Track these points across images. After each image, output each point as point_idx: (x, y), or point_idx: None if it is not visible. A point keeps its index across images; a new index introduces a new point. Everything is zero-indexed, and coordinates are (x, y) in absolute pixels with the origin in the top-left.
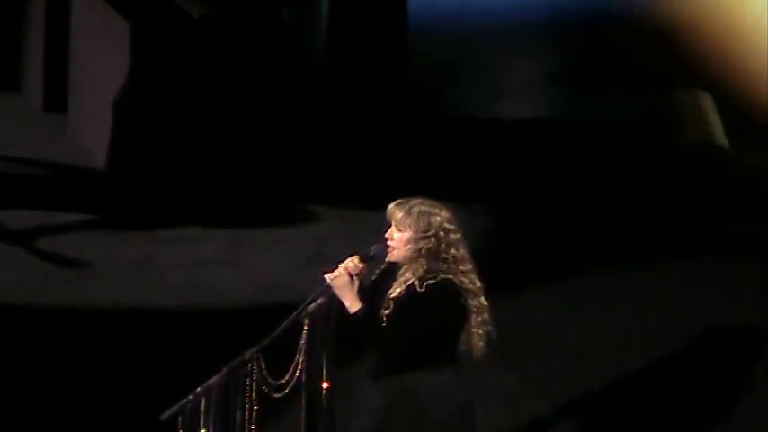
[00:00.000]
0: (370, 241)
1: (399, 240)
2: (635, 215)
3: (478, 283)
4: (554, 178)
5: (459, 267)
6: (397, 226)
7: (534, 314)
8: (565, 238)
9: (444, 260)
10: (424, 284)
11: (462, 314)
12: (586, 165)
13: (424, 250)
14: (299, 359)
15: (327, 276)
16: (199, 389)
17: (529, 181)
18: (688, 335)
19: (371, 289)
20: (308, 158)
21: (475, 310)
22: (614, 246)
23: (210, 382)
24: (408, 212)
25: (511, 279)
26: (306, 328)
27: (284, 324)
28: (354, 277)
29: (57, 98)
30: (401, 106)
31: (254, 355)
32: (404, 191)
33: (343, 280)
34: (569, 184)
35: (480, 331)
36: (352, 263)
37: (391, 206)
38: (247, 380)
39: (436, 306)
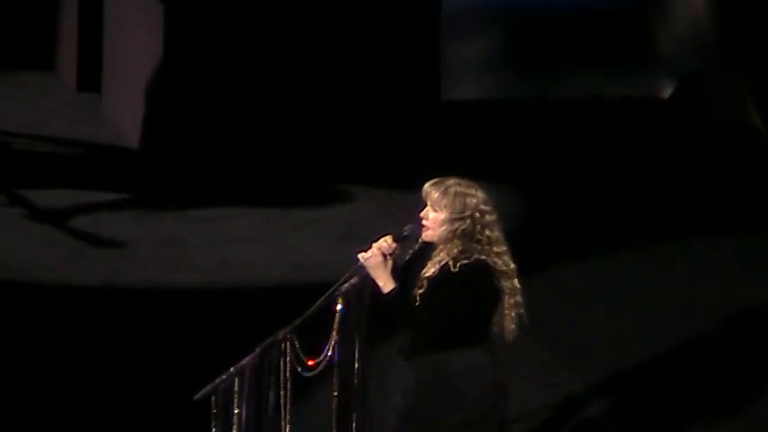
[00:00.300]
0: (403, 221)
1: (434, 221)
2: (667, 194)
3: (512, 265)
4: (584, 157)
5: (494, 249)
6: (432, 206)
7: (567, 292)
8: (596, 217)
9: (479, 241)
10: (458, 265)
11: (495, 295)
12: (618, 144)
13: (459, 231)
14: (332, 339)
15: (361, 256)
16: (232, 369)
17: (559, 160)
18: (721, 313)
19: (405, 269)
20: (340, 138)
21: (508, 291)
22: (646, 224)
23: (244, 362)
24: (444, 193)
25: (543, 256)
26: (339, 307)
27: (317, 304)
28: (388, 257)
29: (90, 78)
30: (433, 85)
31: (288, 335)
32: (436, 170)
33: (376, 260)
34: (600, 163)
35: (513, 313)
36: (386, 243)
37: (427, 186)
38: (281, 360)
39: (469, 286)
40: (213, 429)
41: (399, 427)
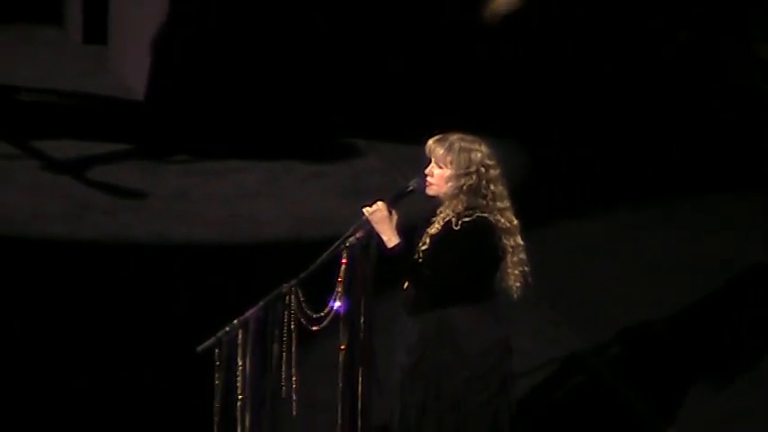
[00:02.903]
0: (409, 175)
1: (440, 177)
2: (673, 152)
3: (515, 222)
4: (590, 114)
5: (497, 204)
6: (437, 162)
7: (571, 249)
8: (601, 174)
9: (484, 196)
10: (460, 222)
11: (497, 252)
12: (624, 101)
13: (465, 187)
14: (337, 292)
15: (365, 210)
16: (236, 321)
17: (564, 116)
18: (723, 270)
19: (412, 224)
20: (348, 92)
21: (510, 249)
22: (650, 182)
23: (248, 314)
24: (449, 149)
25: (547, 213)
26: (344, 261)
27: (322, 257)
28: (393, 212)
29: (96, 30)
30: (439, 40)
31: (292, 288)
32: (440, 124)
33: (381, 214)
34: (605, 120)
35: (516, 271)
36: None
37: (430, 142)
38: (285, 312)
39: (470, 244)
40: (216, 381)
41: (404, 383)
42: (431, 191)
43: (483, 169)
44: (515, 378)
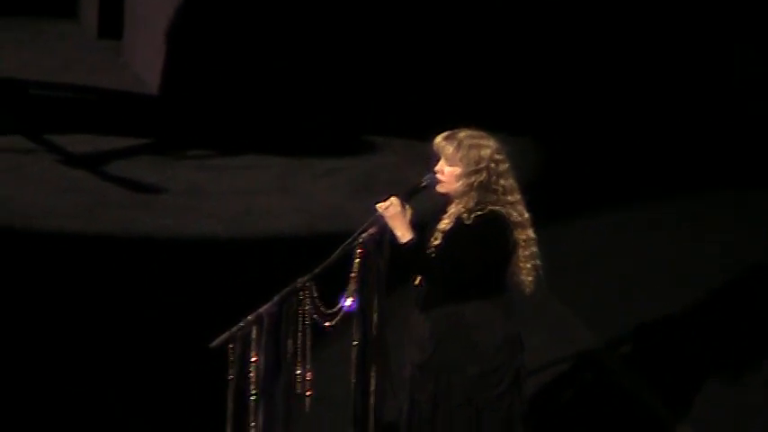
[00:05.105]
0: (423, 171)
1: (450, 175)
2: (690, 148)
3: (526, 215)
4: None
5: (508, 198)
6: (447, 160)
7: (584, 245)
8: (615, 171)
9: (494, 191)
10: (472, 217)
11: (509, 247)
12: (639, 99)
13: (475, 184)
14: (348, 289)
15: (379, 206)
16: (250, 317)
17: (579, 111)
18: (738, 268)
19: (424, 220)
20: (363, 89)
21: (522, 243)
22: (664, 180)
23: (261, 310)
24: (458, 147)
25: (560, 209)
26: (358, 257)
27: (336, 253)
28: (407, 207)
29: (111, 25)
30: (453, 37)
31: (306, 284)
32: (453, 120)
33: (395, 210)
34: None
35: (528, 265)
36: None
37: (439, 139)
38: (299, 308)
39: (483, 239)
40: (230, 377)
41: (416, 378)
42: (441, 188)
43: (493, 164)
44: (527, 374)
